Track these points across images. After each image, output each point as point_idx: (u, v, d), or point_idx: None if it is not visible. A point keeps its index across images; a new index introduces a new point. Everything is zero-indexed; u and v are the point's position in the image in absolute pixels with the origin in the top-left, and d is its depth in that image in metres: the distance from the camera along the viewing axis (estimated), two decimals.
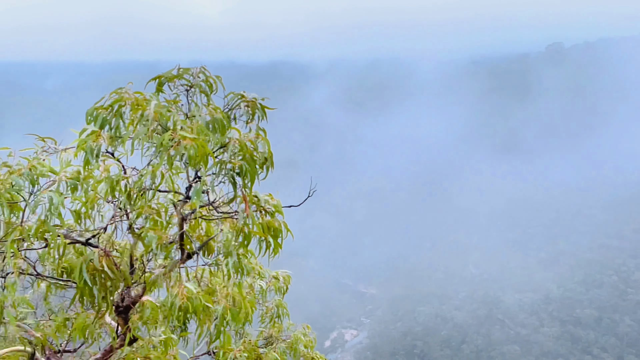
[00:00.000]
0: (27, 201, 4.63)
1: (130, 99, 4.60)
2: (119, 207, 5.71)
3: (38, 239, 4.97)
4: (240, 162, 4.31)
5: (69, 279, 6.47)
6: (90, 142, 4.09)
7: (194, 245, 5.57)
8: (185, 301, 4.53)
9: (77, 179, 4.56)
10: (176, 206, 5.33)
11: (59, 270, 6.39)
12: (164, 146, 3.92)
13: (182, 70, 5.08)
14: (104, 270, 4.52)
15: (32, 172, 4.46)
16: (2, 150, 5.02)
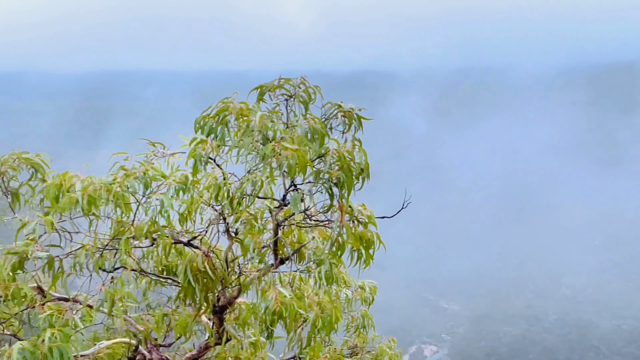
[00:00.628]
0: (140, 202, 4.98)
1: (235, 108, 4.82)
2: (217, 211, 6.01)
3: (146, 238, 5.34)
4: (338, 172, 4.36)
5: (169, 277, 6.88)
6: (200, 150, 4.33)
7: (287, 251, 5.71)
8: (279, 306, 4.65)
9: (185, 184, 4.83)
10: (272, 212, 5.49)
11: (160, 268, 6.81)
12: (267, 156, 4.06)
13: (283, 81, 5.25)
14: (205, 271, 4.75)
15: (145, 176, 4.79)
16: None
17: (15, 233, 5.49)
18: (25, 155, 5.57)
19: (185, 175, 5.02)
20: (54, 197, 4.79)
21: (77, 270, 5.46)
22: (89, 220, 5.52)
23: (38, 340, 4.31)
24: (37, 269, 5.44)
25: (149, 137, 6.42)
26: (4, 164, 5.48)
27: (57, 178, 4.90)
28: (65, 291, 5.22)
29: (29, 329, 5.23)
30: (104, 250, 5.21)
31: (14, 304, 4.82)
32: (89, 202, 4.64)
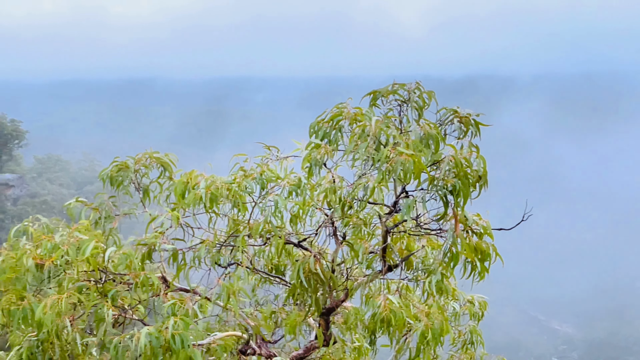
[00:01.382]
0: (256, 202, 5.20)
1: (349, 114, 4.86)
2: (326, 215, 6.09)
3: (260, 237, 5.56)
4: (454, 180, 4.21)
5: (278, 276, 7.10)
6: (315, 154, 4.41)
7: (395, 259, 5.63)
8: (388, 313, 4.59)
9: (298, 186, 4.96)
10: (381, 218, 5.45)
11: (269, 267, 7.05)
12: (381, 161, 4.04)
13: (397, 86, 5.20)
14: (317, 273, 4.83)
15: (262, 177, 4.99)
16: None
17: (144, 226, 6.01)
18: (156, 155, 6.06)
19: (298, 178, 5.15)
20: (180, 194, 5.15)
21: (196, 263, 5.85)
22: (209, 216, 5.90)
23: (162, 326, 4.64)
24: (162, 260, 5.89)
25: (259, 140, 6.71)
26: (137, 162, 5.99)
27: (184, 176, 5.26)
28: (187, 283, 5.59)
29: (153, 315, 5.66)
30: (222, 246, 5.50)
31: (142, 291, 5.24)
32: (211, 200, 4.93)
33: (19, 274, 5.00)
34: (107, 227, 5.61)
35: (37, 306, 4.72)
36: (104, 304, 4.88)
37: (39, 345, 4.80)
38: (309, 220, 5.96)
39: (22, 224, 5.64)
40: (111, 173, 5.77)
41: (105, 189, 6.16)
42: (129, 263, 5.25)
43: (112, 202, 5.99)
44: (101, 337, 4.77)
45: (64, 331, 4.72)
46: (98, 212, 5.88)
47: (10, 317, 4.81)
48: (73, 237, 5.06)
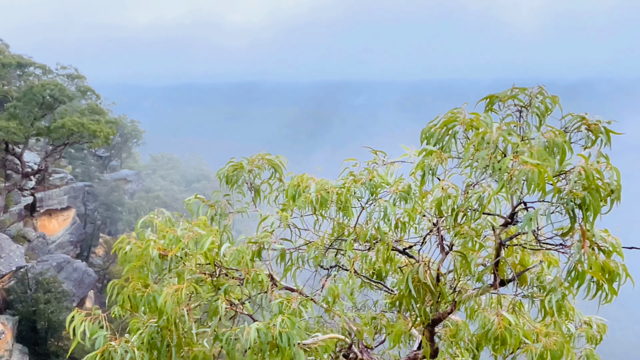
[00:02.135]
0: (364, 207, 5.18)
1: (465, 119, 4.67)
2: (433, 223, 5.92)
3: (366, 242, 5.53)
4: (583, 192, 3.89)
5: (380, 281, 7.03)
6: (429, 161, 4.29)
7: (508, 273, 5.34)
8: (503, 331, 4.34)
9: (407, 193, 4.86)
10: (495, 230, 5.19)
11: (370, 272, 7.00)
12: (502, 171, 3.83)
13: (517, 90, 4.92)
14: (426, 283, 4.71)
15: (371, 183, 4.96)
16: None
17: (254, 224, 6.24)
18: (268, 157, 6.26)
19: (408, 185, 5.05)
20: (292, 196, 5.26)
21: (300, 264, 5.96)
22: (315, 219, 5.99)
23: (270, 323, 4.77)
24: (270, 259, 6.08)
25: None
26: (251, 163, 6.23)
27: (296, 179, 5.37)
28: (294, 282, 5.71)
29: (261, 312, 5.85)
30: (328, 249, 5.55)
31: (252, 287, 5.43)
32: (321, 203, 4.98)
33: (144, 262, 5.38)
34: (222, 224, 5.89)
35: (159, 294, 5.05)
36: (219, 297, 5.11)
37: (159, 331, 5.14)
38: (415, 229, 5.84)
39: (148, 216, 6.07)
40: (227, 172, 6.04)
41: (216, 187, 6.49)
42: (241, 259, 5.46)
43: (226, 200, 6.30)
44: (215, 328, 5.00)
45: (181, 320, 5.01)
46: (214, 209, 6.21)
47: (136, 303, 5.19)
48: (192, 232, 5.36)
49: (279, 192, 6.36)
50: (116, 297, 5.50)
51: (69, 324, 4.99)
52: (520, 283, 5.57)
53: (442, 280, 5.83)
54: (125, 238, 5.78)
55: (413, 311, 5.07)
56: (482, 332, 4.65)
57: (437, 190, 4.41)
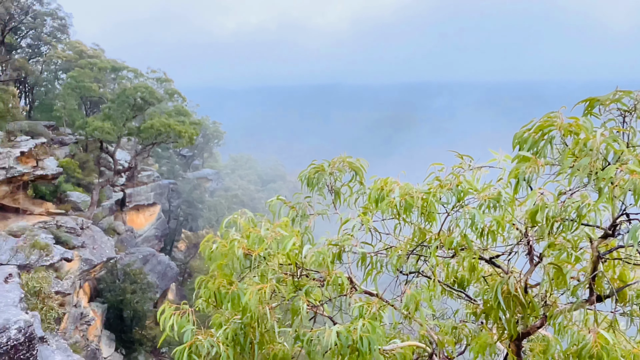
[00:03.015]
0: (449, 213, 5.03)
1: (562, 124, 4.41)
2: (523, 233, 5.63)
3: (451, 249, 5.36)
4: None
5: (461, 290, 6.80)
6: (524, 168, 4.08)
7: (606, 288, 4.97)
8: (600, 350, 4.04)
9: (498, 200, 4.66)
10: (592, 242, 4.85)
11: (452, 279, 6.79)
12: (606, 180, 3.56)
13: (621, 94, 4.58)
14: (517, 295, 4.49)
15: (458, 188, 4.80)
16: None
17: (334, 226, 6.25)
18: (349, 159, 6.26)
19: (498, 192, 4.84)
20: (374, 200, 5.21)
21: (379, 267, 5.89)
22: (396, 223, 5.89)
23: (351, 327, 4.75)
24: (350, 262, 6.06)
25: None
26: (332, 165, 6.25)
27: (379, 182, 5.32)
28: (375, 287, 5.66)
29: (340, 314, 5.84)
30: (410, 254, 5.45)
31: (332, 289, 5.44)
32: (405, 208, 4.89)
33: (229, 260, 5.55)
34: (303, 225, 5.96)
35: (243, 292, 5.19)
36: (300, 297, 5.16)
37: (242, 328, 5.28)
38: (502, 237, 5.58)
39: (232, 216, 6.27)
40: (309, 174, 6.10)
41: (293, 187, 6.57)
42: (322, 261, 5.48)
43: (307, 202, 6.37)
44: (296, 328, 5.06)
45: (264, 318, 5.12)
46: (295, 211, 6.29)
47: (221, 299, 5.37)
48: (275, 232, 5.46)
49: (359, 195, 6.34)
50: (203, 292, 5.71)
51: (159, 316, 5.25)
52: (619, 300, 5.17)
53: (530, 293, 5.54)
54: (212, 236, 6.00)
55: (500, 323, 4.84)
56: (576, 350, 4.35)
57: (533, 199, 4.17)
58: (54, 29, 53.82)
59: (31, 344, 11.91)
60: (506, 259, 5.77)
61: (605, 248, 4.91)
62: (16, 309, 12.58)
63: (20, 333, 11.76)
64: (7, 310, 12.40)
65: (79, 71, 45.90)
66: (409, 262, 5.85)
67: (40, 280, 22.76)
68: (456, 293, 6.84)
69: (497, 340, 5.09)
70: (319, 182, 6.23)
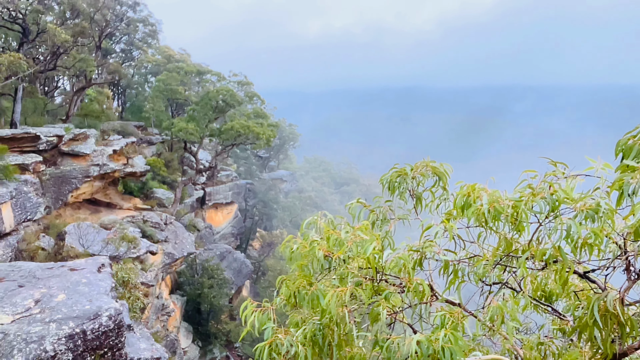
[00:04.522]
0: (541, 224, 4.77)
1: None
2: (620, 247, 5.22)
3: (542, 261, 5.08)
4: None
5: (549, 304, 6.43)
6: (629, 179, 3.79)
7: None
8: None
9: (596, 212, 4.35)
10: None
11: (538, 293, 6.43)
12: None
13: None
14: (614, 313, 4.17)
15: (552, 197, 4.54)
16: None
17: (415, 232, 6.13)
18: (432, 164, 6.11)
19: (597, 202, 4.53)
20: (461, 207, 5.05)
21: (461, 277, 5.69)
22: (482, 231, 5.68)
23: (432, 336, 4.63)
24: (431, 269, 5.91)
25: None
26: (415, 169, 6.13)
27: (466, 189, 5.14)
28: (458, 296, 5.49)
29: (420, 322, 5.72)
30: (497, 264, 5.23)
31: (413, 295, 5.33)
32: (493, 216, 4.70)
33: (309, 261, 5.60)
34: (384, 229, 5.89)
35: (322, 294, 5.21)
36: (380, 303, 5.10)
37: (321, 329, 5.30)
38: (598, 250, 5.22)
39: (312, 218, 6.32)
40: (391, 178, 6.02)
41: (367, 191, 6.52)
42: (402, 267, 5.39)
43: (388, 206, 6.29)
44: (375, 334, 5.01)
45: (342, 320, 5.11)
46: (375, 215, 6.24)
47: (300, 299, 5.42)
48: (355, 236, 5.44)
49: (442, 200, 6.17)
50: (282, 291, 5.79)
51: (241, 312, 5.39)
52: None
53: (627, 311, 5.13)
54: (292, 237, 6.09)
55: (595, 342, 4.52)
56: None
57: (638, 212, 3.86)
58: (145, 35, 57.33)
59: (120, 331, 12.70)
60: (601, 274, 5.40)
61: None
62: (107, 297, 13.47)
63: (110, 320, 12.57)
64: (100, 298, 13.30)
65: (167, 74, 48.55)
66: (493, 273, 5.62)
67: (129, 271, 24.26)
68: (543, 307, 6.48)
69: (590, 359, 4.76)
70: (401, 186, 6.14)
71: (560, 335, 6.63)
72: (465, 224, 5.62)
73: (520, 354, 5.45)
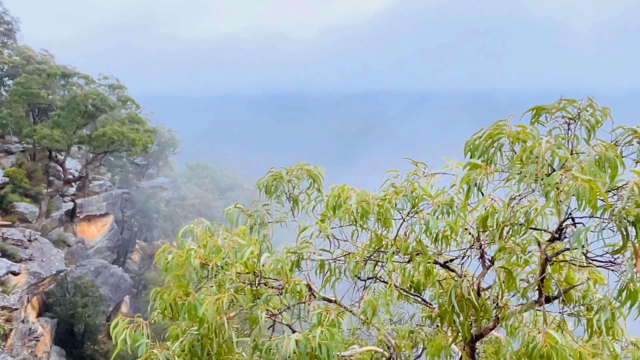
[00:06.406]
0: (405, 219, 5.13)
1: (511, 132, 4.58)
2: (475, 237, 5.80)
3: (407, 254, 5.46)
4: (636, 209, 3.74)
5: (418, 294, 6.92)
6: (475, 175, 4.22)
7: (554, 290, 5.18)
8: (549, 349, 4.21)
9: (451, 206, 4.79)
10: (540, 245, 5.05)
11: (408, 284, 6.90)
12: (551, 186, 3.73)
13: (565, 102, 4.80)
14: (470, 298, 4.61)
15: (413, 195, 4.91)
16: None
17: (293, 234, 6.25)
18: (307, 167, 6.28)
19: (451, 198, 4.98)
20: (332, 207, 5.26)
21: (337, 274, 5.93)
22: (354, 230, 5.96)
23: (310, 334, 4.76)
24: (309, 269, 6.07)
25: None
26: (290, 173, 6.26)
27: (336, 189, 5.36)
28: (334, 293, 5.69)
29: (299, 322, 5.84)
30: (368, 260, 5.51)
31: (291, 296, 5.43)
32: (361, 215, 4.96)
33: (185, 271, 5.46)
34: (261, 233, 5.93)
35: (200, 303, 5.11)
36: (258, 306, 5.13)
37: (200, 340, 5.19)
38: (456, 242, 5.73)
39: (188, 226, 6.17)
40: (267, 182, 6.09)
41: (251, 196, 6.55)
42: (280, 269, 5.47)
43: (265, 210, 6.34)
44: (254, 338, 5.02)
45: (221, 328, 5.05)
46: (253, 219, 6.25)
47: (177, 311, 5.26)
48: (233, 241, 5.42)
49: (317, 202, 6.37)
50: (157, 304, 5.58)
51: (112, 330, 5.10)
52: (566, 301, 5.40)
53: (483, 296, 5.70)
54: (167, 247, 5.89)
55: (455, 326, 4.96)
56: (526, 350, 4.51)
57: (483, 205, 4.32)
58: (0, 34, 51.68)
59: None
60: (460, 263, 5.94)
61: (552, 251, 5.12)
62: None
63: None
64: None
65: (27, 77, 44.19)
66: (366, 268, 5.92)
67: None
68: (413, 297, 6.95)
69: (451, 343, 5.21)
70: (277, 189, 6.23)
71: (429, 323, 7.18)
72: (343, 223, 5.87)
73: (392, 343, 5.80)
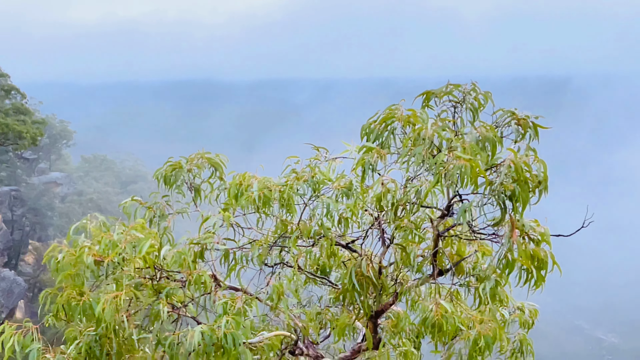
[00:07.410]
0: (307, 204, 5.21)
1: (402, 116, 4.80)
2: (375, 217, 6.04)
3: (310, 238, 5.57)
4: (512, 185, 4.10)
5: (324, 277, 7.09)
6: (368, 158, 4.38)
7: (446, 263, 5.54)
8: (440, 318, 4.51)
9: (349, 189, 4.94)
10: (433, 222, 5.37)
11: (315, 267, 7.05)
12: (437, 166, 3.97)
13: (452, 87, 5.11)
14: (369, 276, 4.80)
15: (313, 180, 4.99)
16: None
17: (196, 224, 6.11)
18: (207, 155, 6.16)
19: (349, 181, 5.13)
20: (234, 196, 5.21)
21: (245, 263, 5.91)
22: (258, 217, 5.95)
23: (215, 325, 4.71)
24: (213, 259, 5.98)
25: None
26: (190, 162, 6.10)
27: (237, 178, 5.32)
28: (239, 282, 5.66)
29: (205, 313, 5.75)
30: (273, 246, 5.55)
31: (195, 289, 5.33)
32: (263, 202, 4.96)
33: (79, 270, 5.16)
34: (162, 226, 5.74)
35: (96, 302, 4.86)
36: (160, 301, 4.98)
37: (97, 340, 4.95)
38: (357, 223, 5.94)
39: (81, 222, 5.81)
40: (165, 172, 5.90)
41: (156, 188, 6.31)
42: (183, 261, 5.34)
43: (165, 201, 6.14)
44: (157, 333, 4.88)
45: (121, 327, 4.85)
46: (152, 211, 6.03)
47: (71, 312, 4.97)
48: (130, 235, 5.19)
49: (220, 191, 6.27)
50: (49, 307, 5.23)
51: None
52: (457, 272, 5.79)
53: (384, 273, 5.97)
54: (57, 246, 5.51)
55: (357, 304, 5.16)
56: (421, 321, 4.80)
57: (377, 186, 4.50)
58: None
59: None
60: (361, 244, 6.16)
61: (444, 227, 5.47)
62: None
63: None
64: None
65: None
66: (273, 254, 5.95)
67: None
68: (319, 280, 7.11)
69: (354, 320, 5.42)
70: (177, 179, 6.05)
71: (338, 304, 7.40)
72: (247, 211, 5.83)
73: (299, 326, 5.90)
